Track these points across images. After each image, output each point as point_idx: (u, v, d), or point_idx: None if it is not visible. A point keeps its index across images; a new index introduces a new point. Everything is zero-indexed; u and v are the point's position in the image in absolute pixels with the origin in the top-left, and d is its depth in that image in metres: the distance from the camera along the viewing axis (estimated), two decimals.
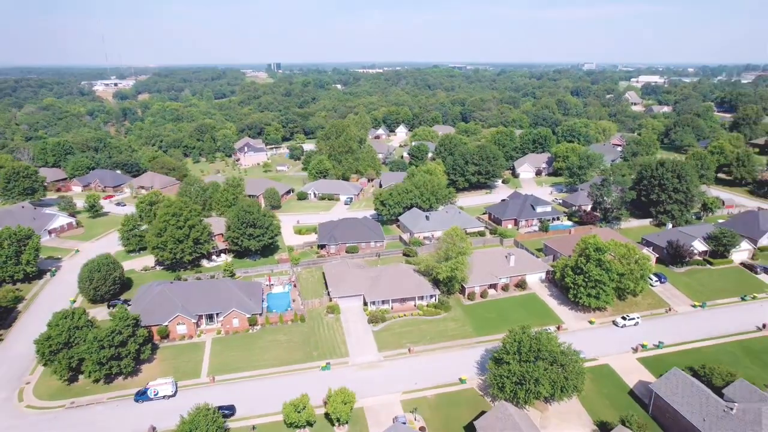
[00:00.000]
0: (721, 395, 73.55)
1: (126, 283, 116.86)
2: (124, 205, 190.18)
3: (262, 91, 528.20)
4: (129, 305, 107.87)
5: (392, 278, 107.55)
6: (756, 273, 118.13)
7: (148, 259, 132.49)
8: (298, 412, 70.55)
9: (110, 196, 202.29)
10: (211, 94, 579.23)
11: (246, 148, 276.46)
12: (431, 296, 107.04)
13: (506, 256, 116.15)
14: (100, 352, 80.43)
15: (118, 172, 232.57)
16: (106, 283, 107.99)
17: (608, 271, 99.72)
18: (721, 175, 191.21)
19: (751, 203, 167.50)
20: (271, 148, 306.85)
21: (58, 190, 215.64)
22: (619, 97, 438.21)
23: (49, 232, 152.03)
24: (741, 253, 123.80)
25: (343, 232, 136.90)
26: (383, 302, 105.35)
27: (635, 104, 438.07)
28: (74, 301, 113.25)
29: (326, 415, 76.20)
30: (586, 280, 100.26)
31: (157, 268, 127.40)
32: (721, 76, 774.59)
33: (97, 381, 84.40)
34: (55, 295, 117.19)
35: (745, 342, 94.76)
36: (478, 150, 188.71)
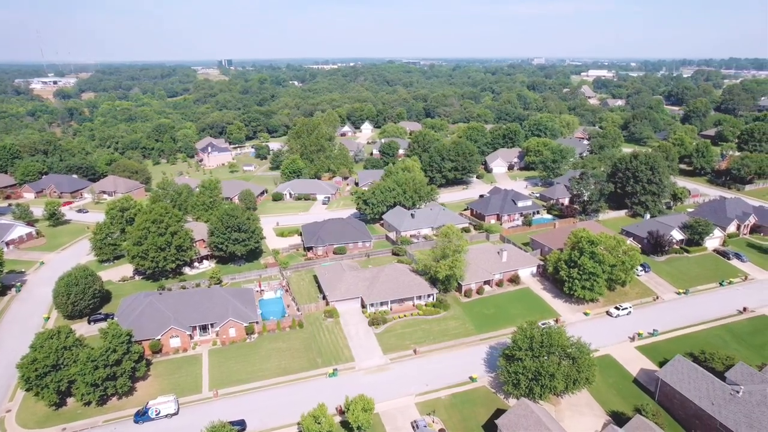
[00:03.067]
0: (723, 379, 76.75)
1: (105, 296, 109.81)
2: (86, 211, 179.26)
3: (218, 88, 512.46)
4: (111, 319, 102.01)
5: (390, 279, 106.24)
6: (728, 259, 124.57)
7: (124, 269, 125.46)
8: (318, 422, 68.23)
9: (69, 203, 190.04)
10: (164, 92, 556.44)
11: (210, 148, 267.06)
12: (429, 295, 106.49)
13: (498, 252, 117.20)
14: (94, 372, 75.00)
15: (74, 176, 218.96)
16: (85, 298, 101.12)
17: (601, 263, 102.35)
18: (681, 166, 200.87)
19: (713, 192, 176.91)
20: (235, 148, 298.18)
21: (8, 197, 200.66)
22: (576, 92, 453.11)
23: (7, 244, 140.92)
24: (713, 240, 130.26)
25: (330, 232, 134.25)
26: (382, 303, 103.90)
27: (590, 98, 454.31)
28: (48, 318, 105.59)
29: (342, 423, 74.28)
30: (581, 272, 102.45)
31: (137, 278, 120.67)
32: (662, 71, 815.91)
33: (88, 404, 78.79)
34: (24, 313, 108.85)
35: (729, 326, 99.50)
36: (454, 146, 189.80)
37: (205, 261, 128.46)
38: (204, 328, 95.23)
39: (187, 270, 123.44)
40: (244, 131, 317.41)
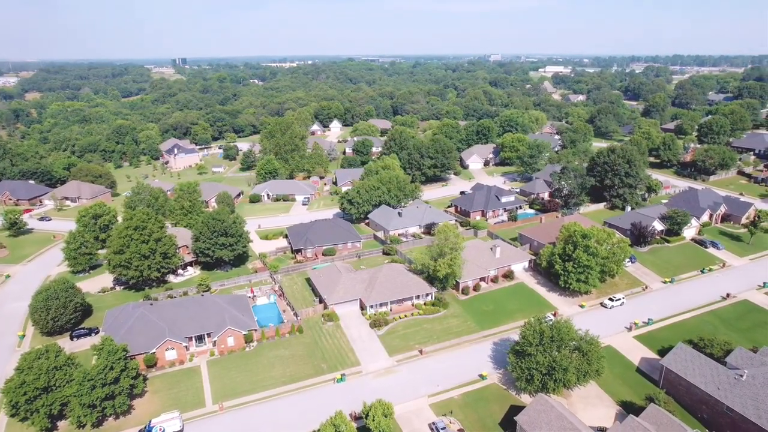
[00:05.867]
0: (724, 364, 79.54)
1: (86, 310, 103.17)
2: (50, 219, 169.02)
3: (177, 88, 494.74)
4: (96, 334, 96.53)
5: (388, 279, 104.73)
6: (705, 247, 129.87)
7: (102, 279, 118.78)
8: (339, 430, 66.09)
9: (29, 210, 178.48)
10: (118, 92, 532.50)
11: (176, 149, 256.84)
12: (427, 294, 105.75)
13: (491, 248, 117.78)
14: (92, 392, 70.08)
15: (31, 182, 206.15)
16: (67, 312, 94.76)
17: (595, 255, 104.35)
18: (650, 159, 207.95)
19: (681, 183, 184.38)
20: (201, 149, 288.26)
21: None
22: (538, 87, 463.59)
23: None
24: (690, 230, 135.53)
25: (318, 234, 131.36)
26: (381, 305, 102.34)
27: (551, 93, 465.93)
28: (23, 336, 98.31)
29: (360, 429, 72.38)
30: (576, 266, 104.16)
31: (118, 288, 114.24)
32: (614, 67, 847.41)
33: (82, 426, 73.58)
34: None
35: (716, 311, 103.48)
36: (432, 143, 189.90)
37: (189, 267, 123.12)
38: (200, 339, 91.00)
39: (171, 278, 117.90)
40: (210, 131, 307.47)
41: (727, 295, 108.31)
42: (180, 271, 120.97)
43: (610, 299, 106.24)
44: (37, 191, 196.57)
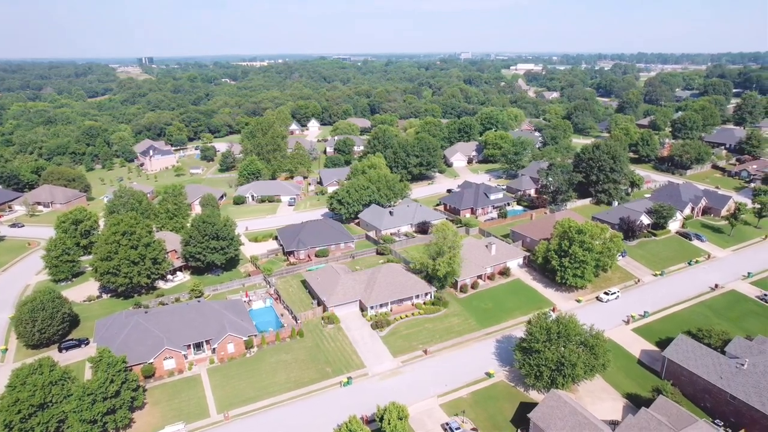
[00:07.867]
0: (723, 353, 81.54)
1: (73, 320, 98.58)
2: (22, 225, 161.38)
3: (147, 88, 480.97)
4: (86, 345, 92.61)
5: (387, 279, 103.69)
6: (690, 240, 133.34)
7: (86, 287, 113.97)
8: None
9: None
10: (83, 92, 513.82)
11: (151, 151, 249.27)
12: (426, 294, 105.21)
13: (486, 246, 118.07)
14: (92, 407, 66.77)
15: None
16: (54, 323, 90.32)
17: (590, 250, 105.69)
18: (629, 154, 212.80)
19: (660, 177, 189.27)
20: (177, 150, 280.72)
21: None
22: (513, 85, 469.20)
23: None
24: (675, 223, 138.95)
25: (310, 235, 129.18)
26: (381, 305, 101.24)
27: (526, 90, 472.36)
28: (6, 350, 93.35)
29: None
30: (572, 261, 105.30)
31: (104, 296, 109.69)
32: (582, 64, 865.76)
33: None
34: None
35: (707, 302, 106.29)
36: (417, 141, 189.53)
37: (178, 273, 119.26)
38: (198, 346, 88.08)
39: (161, 284, 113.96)
40: (185, 132, 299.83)
41: (716, 285, 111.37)
42: (169, 276, 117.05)
43: (606, 293, 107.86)
44: (5, 196, 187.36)
